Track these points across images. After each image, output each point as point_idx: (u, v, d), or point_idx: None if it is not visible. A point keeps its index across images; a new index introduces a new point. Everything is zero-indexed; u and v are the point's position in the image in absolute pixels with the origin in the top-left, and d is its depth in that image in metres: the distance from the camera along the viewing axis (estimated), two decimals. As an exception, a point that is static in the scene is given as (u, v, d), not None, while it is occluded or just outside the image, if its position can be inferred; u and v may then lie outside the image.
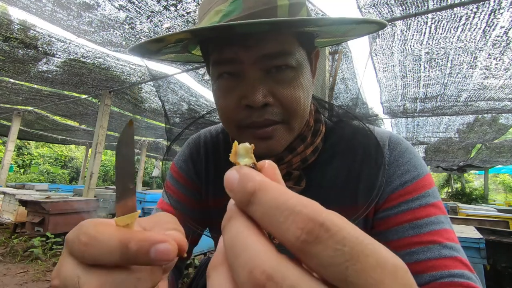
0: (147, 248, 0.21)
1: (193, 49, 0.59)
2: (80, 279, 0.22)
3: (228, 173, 0.19)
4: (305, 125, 0.57)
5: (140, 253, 0.21)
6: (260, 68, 0.48)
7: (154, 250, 0.22)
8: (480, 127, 6.50)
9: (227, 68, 0.50)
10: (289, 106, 0.49)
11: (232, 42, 0.47)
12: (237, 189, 0.18)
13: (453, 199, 12.28)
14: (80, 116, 7.94)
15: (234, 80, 0.50)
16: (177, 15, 3.08)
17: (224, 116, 0.53)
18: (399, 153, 0.56)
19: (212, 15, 0.49)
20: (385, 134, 0.60)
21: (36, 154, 15.57)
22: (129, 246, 0.21)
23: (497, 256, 2.42)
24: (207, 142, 0.71)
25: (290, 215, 0.15)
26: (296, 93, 0.49)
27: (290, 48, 0.49)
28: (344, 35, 0.56)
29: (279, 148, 0.52)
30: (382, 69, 4.03)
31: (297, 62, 0.50)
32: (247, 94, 0.48)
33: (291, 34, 0.49)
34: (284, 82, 0.49)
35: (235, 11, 0.46)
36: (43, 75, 5.04)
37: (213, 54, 0.51)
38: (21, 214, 4.65)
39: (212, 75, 0.54)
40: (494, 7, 2.66)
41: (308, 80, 0.53)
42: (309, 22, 0.43)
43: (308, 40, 0.53)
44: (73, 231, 0.23)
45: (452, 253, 0.48)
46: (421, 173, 0.55)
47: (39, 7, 3.22)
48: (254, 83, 0.48)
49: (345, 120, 0.63)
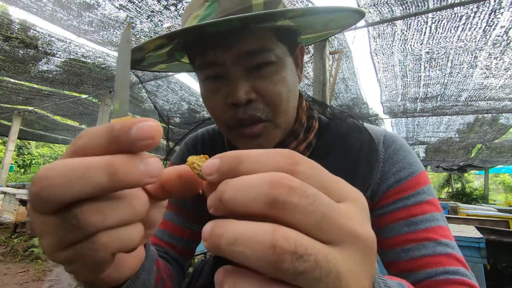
0: (129, 126, 0.20)
1: (181, 57, 0.61)
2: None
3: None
4: (297, 122, 0.58)
5: (122, 131, 0.20)
6: (241, 66, 0.49)
7: (136, 127, 0.20)
8: (480, 127, 6.50)
9: (210, 72, 0.51)
10: (272, 101, 0.50)
11: (210, 45, 0.48)
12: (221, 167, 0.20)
13: (454, 199, 12.26)
14: (81, 116, 7.94)
15: (218, 81, 0.52)
16: (177, 14, 3.08)
17: (214, 117, 0.55)
18: (394, 150, 0.57)
19: (190, 21, 0.51)
20: (380, 131, 0.60)
21: (36, 154, 15.57)
22: (113, 127, 0.21)
23: (497, 256, 2.42)
24: (204, 141, 0.72)
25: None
26: (278, 88, 0.50)
27: (268, 45, 0.49)
28: (325, 28, 0.57)
29: (270, 145, 0.54)
30: (382, 69, 4.03)
31: (277, 57, 0.50)
32: (230, 93, 0.49)
33: (269, 31, 0.50)
34: (265, 78, 0.50)
35: (211, 14, 0.48)
36: (43, 75, 5.04)
37: (196, 59, 0.53)
38: (21, 213, 4.65)
39: (199, 79, 0.56)
40: (494, 7, 2.66)
41: (291, 75, 0.53)
42: (276, 14, 0.43)
43: (288, 36, 0.53)
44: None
45: (446, 250, 0.48)
46: (416, 170, 0.55)
47: (39, 6, 3.22)
48: (236, 81, 0.49)
49: (339, 117, 0.63)
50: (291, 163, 0.19)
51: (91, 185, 0.19)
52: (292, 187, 0.17)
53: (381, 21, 2.95)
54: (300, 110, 0.59)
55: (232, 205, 0.18)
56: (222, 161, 0.20)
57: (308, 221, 0.17)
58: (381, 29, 3.16)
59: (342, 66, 4.04)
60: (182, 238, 0.66)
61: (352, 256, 0.18)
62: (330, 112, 0.66)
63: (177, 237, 0.66)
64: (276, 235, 0.16)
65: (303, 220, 0.17)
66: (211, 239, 0.18)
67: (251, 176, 0.19)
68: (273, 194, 0.17)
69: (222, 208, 0.19)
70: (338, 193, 0.20)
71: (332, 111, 0.66)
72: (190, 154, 0.70)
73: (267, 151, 0.20)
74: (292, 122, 0.57)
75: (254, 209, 0.18)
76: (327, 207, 0.18)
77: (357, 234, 0.18)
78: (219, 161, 0.20)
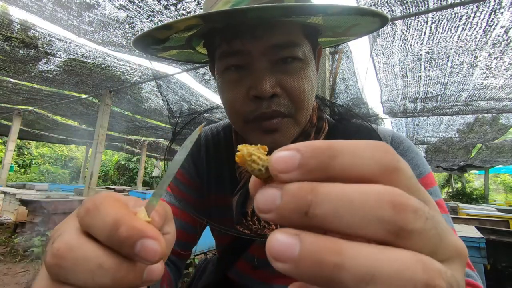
0: (135, 238, 0.20)
1: (197, 44, 0.59)
2: (63, 236, 0.22)
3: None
4: (308, 122, 0.57)
5: (127, 241, 0.20)
6: (268, 59, 0.48)
7: (141, 244, 0.20)
8: (480, 127, 6.49)
9: (234, 61, 0.50)
10: (296, 97, 0.49)
11: (239, 33, 0.47)
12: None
13: (454, 199, 12.27)
14: (81, 116, 7.94)
15: (241, 72, 0.50)
16: (177, 14, 3.08)
17: (232, 109, 0.52)
18: (401, 151, 0.57)
19: (221, 6, 0.48)
20: (387, 132, 0.60)
21: (36, 154, 15.57)
22: (119, 228, 0.20)
23: (497, 256, 2.42)
24: (208, 140, 0.71)
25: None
26: (303, 85, 0.49)
27: (297, 40, 0.49)
28: (345, 33, 0.56)
29: (285, 141, 0.52)
30: (382, 68, 4.02)
31: (303, 54, 0.50)
32: (255, 84, 0.48)
33: (298, 26, 0.49)
34: (291, 73, 0.49)
35: (244, 1, 0.46)
36: (43, 74, 5.04)
37: (220, 46, 0.51)
38: (21, 213, 4.65)
39: (218, 69, 0.53)
40: (494, 7, 2.66)
41: (313, 73, 0.53)
42: (320, 8, 0.42)
43: (312, 34, 0.53)
44: (91, 197, 0.24)
45: None
46: (423, 171, 0.55)
47: (39, 6, 3.22)
48: (262, 73, 0.48)
49: (347, 118, 0.63)
50: (395, 159, 0.16)
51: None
52: (416, 210, 0.14)
53: (381, 21, 2.94)
54: (311, 110, 0.58)
55: (330, 225, 0.14)
56: (307, 153, 0.16)
57: (429, 246, 0.15)
58: (381, 29, 3.16)
59: (342, 66, 4.03)
60: (179, 240, 0.65)
61: (458, 270, 0.17)
62: (338, 112, 0.65)
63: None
64: (429, 272, 0.13)
65: (425, 247, 0.15)
66: (310, 266, 0.13)
67: (358, 188, 0.14)
68: (400, 222, 0.14)
69: (305, 224, 0.15)
70: (424, 194, 0.17)
71: (340, 112, 0.66)
72: (193, 153, 0.70)
73: (359, 142, 0.16)
74: (307, 121, 0.56)
75: (368, 235, 0.14)
76: (442, 224, 0.16)
77: (458, 247, 0.17)
78: (301, 153, 0.16)
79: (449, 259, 0.16)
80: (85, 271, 0.20)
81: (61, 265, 0.20)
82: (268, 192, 0.16)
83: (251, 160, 0.18)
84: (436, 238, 0.15)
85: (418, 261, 0.14)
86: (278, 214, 0.15)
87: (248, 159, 0.18)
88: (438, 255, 0.15)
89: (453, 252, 0.17)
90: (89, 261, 0.21)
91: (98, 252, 0.21)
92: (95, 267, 0.20)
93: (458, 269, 0.17)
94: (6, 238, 4.36)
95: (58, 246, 0.21)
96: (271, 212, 0.15)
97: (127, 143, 12.06)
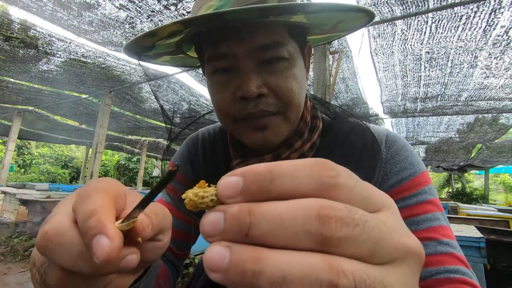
0: (95, 231, 0.21)
1: (188, 49, 0.60)
2: (54, 219, 0.24)
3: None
4: (302, 121, 0.58)
5: (89, 231, 0.21)
6: (253, 60, 0.49)
7: (97, 238, 0.21)
8: (480, 127, 6.50)
9: (221, 64, 0.51)
10: (283, 96, 0.50)
11: (224, 36, 0.48)
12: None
13: (454, 199, 12.27)
14: (81, 116, 7.95)
15: (229, 74, 0.51)
16: (177, 14, 3.08)
17: (220, 110, 0.54)
18: (396, 150, 0.57)
19: (204, 11, 0.49)
20: (382, 131, 0.60)
21: (36, 154, 15.58)
22: (90, 219, 0.22)
23: (497, 256, 2.42)
24: (205, 141, 0.71)
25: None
26: (290, 84, 0.50)
27: (282, 40, 0.49)
28: (333, 29, 0.56)
29: (275, 139, 0.52)
30: (383, 68, 4.03)
31: (289, 53, 0.50)
32: (241, 85, 0.49)
33: (282, 26, 0.50)
34: (277, 73, 0.49)
35: (226, 5, 0.47)
36: (43, 74, 5.04)
37: (207, 50, 0.52)
38: (21, 213, 4.65)
39: (207, 72, 0.55)
40: (494, 7, 2.66)
41: (301, 72, 0.53)
42: (297, 7, 0.43)
43: (299, 33, 0.53)
44: (93, 181, 0.26)
45: (448, 249, 0.48)
46: (417, 170, 0.55)
47: (39, 6, 3.22)
48: (248, 74, 0.48)
49: (342, 117, 0.63)
50: (333, 175, 0.17)
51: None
52: (342, 218, 0.15)
53: (381, 21, 2.95)
54: (304, 109, 0.59)
55: (266, 242, 0.15)
56: (248, 179, 0.16)
57: (362, 251, 0.15)
58: (381, 29, 3.17)
59: (342, 66, 4.04)
60: (175, 239, 0.65)
61: (405, 271, 0.17)
62: (333, 111, 0.66)
63: (171, 239, 0.66)
64: (333, 272, 0.14)
65: (357, 252, 0.15)
66: (234, 274, 0.14)
67: (289, 205, 0.15)
68: (325, 232, 0.15)
69: (248, 243, 0.15)
70: (375, 201, 0.18)
71: (335, 110, 0.66)
72: (190, 154, 0.70)
73: (299, 162, 0.17)
74: (298, 120, 0.56)
75: (298, 247, 0.15)
76: (377, 229, 0.16)
77: (408, 247, 0.17)
78: (242, 179, 0.17)
79: (394, 261, 0.16)
80: (67, 256, 0.22)
81: (47, 247, 0.23)
82: (212, 216, 0.16)
83: (200, 198, 0.18)
84: (369, 242, 0.15)
85: (325, 263, 0.14)
86: (223, 238, 0.16)
87: (197, 199, 0.18)
88: (376, 258, 0.16)
89: (399, 253, 0.17)
90: (72, 247, 0.22)
91: (81, 239, 0.22)
92: (76, 254, 0.22)
93: (404, 271, 0.17)
94: (6, 238, 4.37)
95: (47, 229, 0.23)
96: (216, 236, 0.16)
97: (127, 143, 12.07)
